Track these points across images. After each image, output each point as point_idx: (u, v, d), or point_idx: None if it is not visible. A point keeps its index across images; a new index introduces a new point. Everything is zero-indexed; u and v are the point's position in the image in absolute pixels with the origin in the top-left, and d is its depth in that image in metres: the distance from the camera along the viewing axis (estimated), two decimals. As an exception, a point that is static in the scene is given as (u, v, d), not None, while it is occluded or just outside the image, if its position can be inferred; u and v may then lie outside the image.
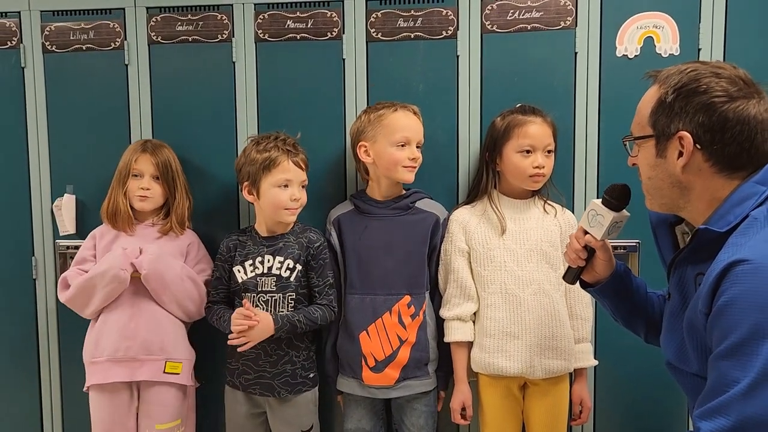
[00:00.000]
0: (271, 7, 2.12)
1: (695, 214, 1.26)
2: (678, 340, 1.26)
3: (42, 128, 2.22)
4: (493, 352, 1.90)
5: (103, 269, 1.94)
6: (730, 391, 1.04)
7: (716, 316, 1.09)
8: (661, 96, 1.23)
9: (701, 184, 1.22)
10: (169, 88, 2.18)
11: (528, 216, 1.95)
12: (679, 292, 1.29)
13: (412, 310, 1.96)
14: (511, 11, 2.05)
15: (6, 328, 2.29)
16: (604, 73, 2.03)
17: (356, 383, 1.98)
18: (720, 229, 1.16)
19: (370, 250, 1.97)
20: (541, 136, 1.89)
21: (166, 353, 2.00)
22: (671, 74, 1.23)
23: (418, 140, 1.95)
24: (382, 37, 2.09)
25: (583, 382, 1.99)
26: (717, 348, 1.09)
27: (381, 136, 1.92)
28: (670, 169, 1.24)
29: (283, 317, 1.91)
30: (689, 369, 1.24)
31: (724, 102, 1.17)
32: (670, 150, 1.23)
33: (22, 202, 2.25)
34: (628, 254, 2.06)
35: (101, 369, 1.98)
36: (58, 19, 2.19)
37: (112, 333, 1.97)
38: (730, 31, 1.98)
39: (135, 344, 1.97)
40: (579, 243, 1.48)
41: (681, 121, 1.20)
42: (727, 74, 1.19)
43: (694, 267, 1.24)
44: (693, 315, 1.18)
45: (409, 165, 1.93)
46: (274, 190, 1.92)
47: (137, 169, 2.02)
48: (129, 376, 1.98)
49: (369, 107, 2.00)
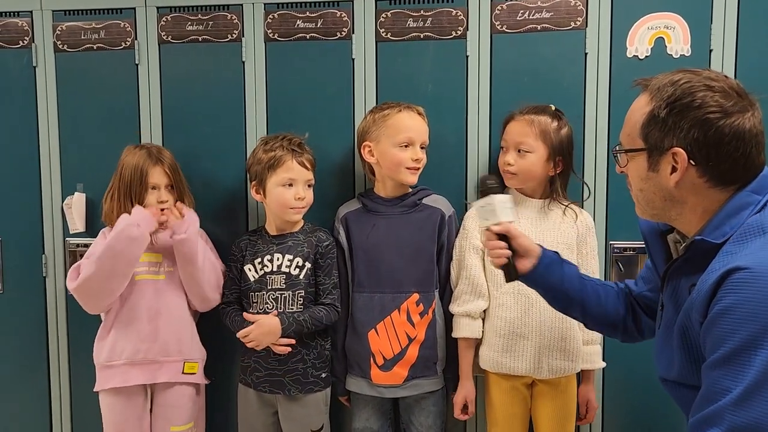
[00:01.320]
0: (280, 7, 2.13)
1: (687, 225, 1.25)
2: (671, 351, 1.24)
3: (53, 127, 2.24)
4: (503, 351, 1.90)
5: (116, 231, 1.89)
6: (722, 401, 1.03)
7: (711, 323, 1.08)
8: (653, 109, 1.19)
9: (694, 198, 1.20)
10: (179, 88, 2.19)
11: (546, 217, 1.94)
12: (673, 303, 1.26)
13: (421, 307, 1.96)
14: (521, 11, 2.05)
15: (16, 326, 2.30)
16: (614, 74, 2.02)
17: (365, 382, 1.98)
18: (716, 240, 1.15)
19: (378, 247, 1.97)
20: (514, 133, 1.91)
21: (183, 354, 2.00)
22: (663, 85, 1.19)
23: (422, 141, 1.95)
24: (392, 37, 2.09)
25: (590, 383, 1.99)
26: (710, 356, 1.08)
27: (384, 137, 1.92)
28: (662, 183, 1.21)
29: (289, 316, 1.92)
30: (682, 380, 1.22)
31: (719, 118, 1.14)
32: (663, 165, 1.20)
33: (32, 200, 2.26)
34: (636, 256, 2.05)
35: (119, 372, 1.97)
36: (69, 18, 2.21)
37: (131, 336, 1.96)
38: (742, 31, 1.96)
39: (155, 346, 1.97)
40: (491, 239, 1.55)
41: (675, 136, 1.17)
42: (720, 86, 1.16)
43: (687, 278, 1.22)
44: (686, 322, 1.17)
45: (412, 166, 1.93)
46: (278, 189, 1.93)
47: (154, 183, 1.98)
48: (149, 379, 1.98)
49: (375, 107, 2.01)
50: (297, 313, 1.94)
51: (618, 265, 2.07)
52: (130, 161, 1.98)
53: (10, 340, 2.31)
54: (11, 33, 2.23)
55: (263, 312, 1.96)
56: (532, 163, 1.89)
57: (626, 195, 1.44)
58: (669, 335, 1.25)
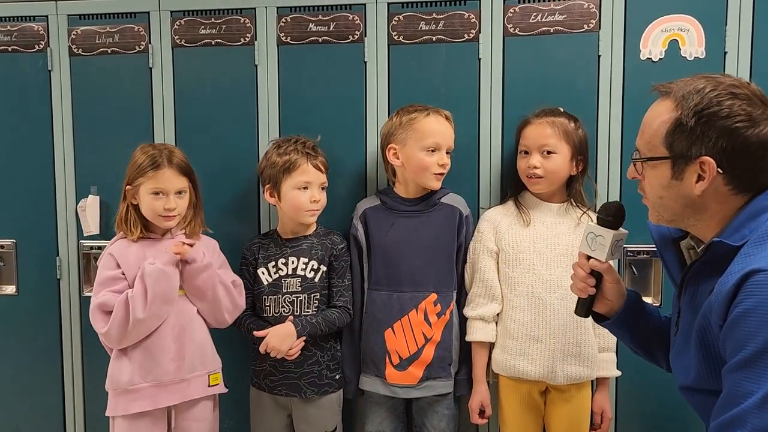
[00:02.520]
0: (293, 11, 2.14)
1: (705, 230, 1.24)
2: (690, 357, 1.23)
3: (67, 130, 2.25)
4: (516, 354, 1.89)
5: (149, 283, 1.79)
6: (745, 403, 1.02)
7: (731, 326, 1.07)
8: (680, 117, 1.18)
9: (716, 206, 1.20)
10: (192, 91, 2.20)
11: (562, 221, 1.94)
12: (691, 309, 1.25)
13: (439, 308, 1.95)
14: (534, 14, 2.04)
15: (30, 327, 2.32)
16: (627, 77, 2.01)
17: (379, 381, 1.97)
18: (735, 243, 1.14)
19: (398, 246, 1.97)
20: (536, 136, 1.89)
21: (206, 366, 1.93)
22: (688, 93, 1.18)
23: (448, 146, 1.95)
24: (404, 40, 2.10)
25: (605, 391, 1.98)
26: (731, 359, 1.07)
27: (411, 140, 1.92)
28: (686, 192, 1.21)
29: (302, 320, 1.92)
30: (699, 385, 1.21)
31: (747, 127, 1.14)
32: (688, 173, 1.19)
33: (47, 203, 2.28)
34: (651, 259, 2.04)
35: (146, 395, 1.85)
36: (84, 22, 2.23)
37: (158, 356, 1.85)
38: (758, 33, 1.95)
39: (184, 364, 1.88)
40: (584, 270, 1.43)
41: (703, 145, 1.16)
42: (744, 93, 1.16)
43: (706, 282, 1.21)
44: (705, 325, 1.16)
45: (438, 171, 1.93)
46: (294, 192, 1.94)
47: (160, 187, 1.86)
48: (179, 398, 1.88)
49: (401, 109, 1.99)
50: (310, 315, 1.94)
51: (632, 268, 2.06)
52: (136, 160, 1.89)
53: (25, 341, 2.33)
54: (27, 37, 2.25)
55: (278, 315, 1.96)
56: (558, 163, 1.88)
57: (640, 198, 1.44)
58: (687, 341, 1.25)
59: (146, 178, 1.85)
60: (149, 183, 1.85)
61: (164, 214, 1.86)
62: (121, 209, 1.91)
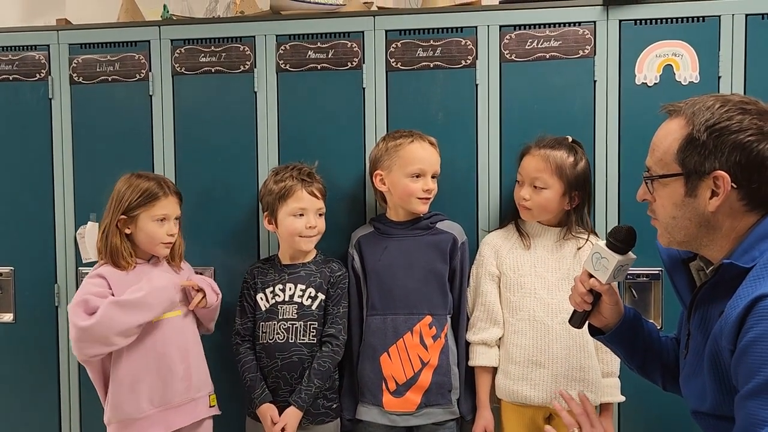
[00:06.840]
0: (292, 38, 2.16)
1: (717, 251, 1.23)
2: (702, 381, 1.22)
3: (67, 158, 2.26)
4: (518, 379, 1.88)
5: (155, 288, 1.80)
6: (762, 431, 1.01)
7: (742, 353, 1.07)
8: (692, 133, 1.18)
9: (730, 223, 1.20)
10: (192, 118, 2.21)
11: (562, 246, 1.94)
12: (701, 332, 1.24)
13: (434, 331, 1.94)
14: (530, 40, 2.07)
15: (28, 354, 2.30)
16: (623, 102, 2.03)
17: (377, 410, 1.95)
18: (745, 264, 1.14)
19: (390, 269, 1.97)
20: (529, 169, 1.89)
21: (207, 387, 1.97)
22: (699, 110, 1.19)
23: (433, 171, 1.96)
24: (402, 67, 2.12)
25: (609, 417, 1.95)
26: (744, 387, 1.06)
27: (396, 167, 1.93)
28: (700, 209, 1.20)
29: (300, 396, 1.90)
30: (717, 412, 1.20)
31: (759, 140, 1.15)
32: (702, 189, 1.19)
33: (46, 230, 2.28)
34: (650, 282, 2.04)
35: (158, 420, 1.84)
36: (85, 51, 2.25)
37: (168, 379, 1.85)
38: (750, 57, 1.97)
39: (192, 384, 1.90)
40: (584, 286, 1.43)
41: (717, 160, 1.16)
42: (755, 109, 1.17)
43: (716, 305, 1.20)
44: (716, 350, 1.15)
45: (423, 197, 1.94)
46: (290, 218, 1.94)
47: (164, 213, 1.88)
48: (190, 419, 1.89)
49: (387, 135, 2.02)
50: (305, 385, 1.91)
51: (632, 291, 2.05)
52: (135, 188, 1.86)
53: (23, 369, 2.31)
54: (29, 66, 2.27)
55: (273, 342, 1.95)
56: (547, 199, 1.88)
57: (638, 221, 1.44)
58: (698, 364, 1.24)
59: (151, 205, 1.86)
60: (154, 210, 1.86)
61: (167, 240, 1.89)
62: (114, 241, 1.85)
